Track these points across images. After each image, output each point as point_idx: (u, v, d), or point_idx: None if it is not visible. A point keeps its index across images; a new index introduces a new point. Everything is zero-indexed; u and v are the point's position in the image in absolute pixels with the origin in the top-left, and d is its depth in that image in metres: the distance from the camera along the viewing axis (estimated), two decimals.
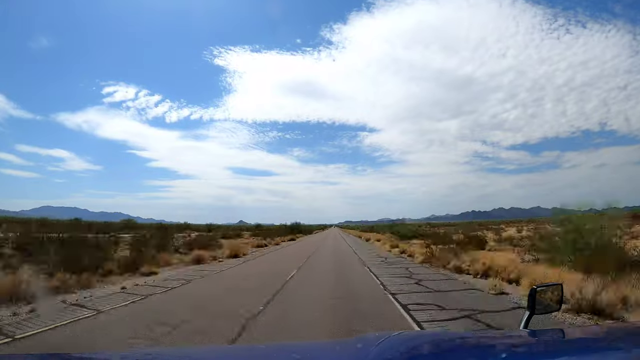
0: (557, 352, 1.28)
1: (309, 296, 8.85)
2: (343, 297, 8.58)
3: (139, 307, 7.60)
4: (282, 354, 1.51)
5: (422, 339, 1.61)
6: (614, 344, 1.32)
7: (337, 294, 9.00)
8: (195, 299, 8.62)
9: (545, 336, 1.55)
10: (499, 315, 6.67)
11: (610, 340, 1.40)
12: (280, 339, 5.35)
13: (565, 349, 1.34)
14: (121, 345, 5.09)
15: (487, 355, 1.24)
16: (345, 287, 10.09)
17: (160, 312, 7.09)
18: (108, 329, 5.94)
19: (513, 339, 1.52)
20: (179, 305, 7.84)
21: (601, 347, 1.29)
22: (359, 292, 9.39)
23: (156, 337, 5.40)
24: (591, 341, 1.42)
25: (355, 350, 1.34)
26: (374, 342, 1.27)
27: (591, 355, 1.20)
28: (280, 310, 7.19)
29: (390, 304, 7.82)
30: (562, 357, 1.22)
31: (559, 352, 1.28)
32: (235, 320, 6.30)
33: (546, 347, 1.35)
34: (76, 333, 5.70)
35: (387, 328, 5.79)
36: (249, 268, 15.48)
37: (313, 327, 6.03)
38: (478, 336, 2.07)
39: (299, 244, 36.67)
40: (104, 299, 8.36)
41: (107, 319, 6.66)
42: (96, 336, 5.57)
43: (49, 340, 5.33)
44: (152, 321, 6.29)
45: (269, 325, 6.09)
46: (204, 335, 5.53)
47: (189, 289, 9.96)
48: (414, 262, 16.72)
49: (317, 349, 1.63)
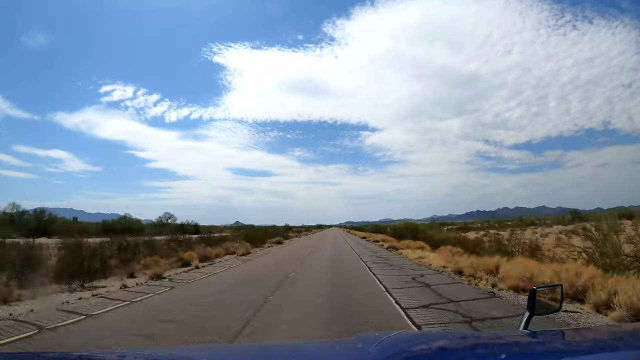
0: (556, 353, 1.28)
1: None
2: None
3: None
4: (281, 353, 1.51)
5: (421, 339, 1.61)
6: (614, 345, 1.31)
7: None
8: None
9: (545, 337, 1.55)
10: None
11: (611, 342, 1.39)
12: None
13: (565, 350, 1.33)
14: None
15: (487, 356, 1.24)
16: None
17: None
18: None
19: (513, 339, 1.52)
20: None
21: (601, 349, 1.28)
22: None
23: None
24: (591, 342, 1.42)
25: (355, 350, 1.34)
26: (374, 341, 1.27)
27: (591, 356, 1.20)
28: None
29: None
30: (562, 358, 1.22)
31: (558, 353, 1.28)
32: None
33: (546, 348, 1.34)
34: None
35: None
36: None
37: None
38: (478, 336, 2.07)
39: (273, 256, 21.48)
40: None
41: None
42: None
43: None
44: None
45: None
46: None
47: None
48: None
49: (317, 349, 1.63)
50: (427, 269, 13.82)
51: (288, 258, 20.03)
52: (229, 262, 17.80)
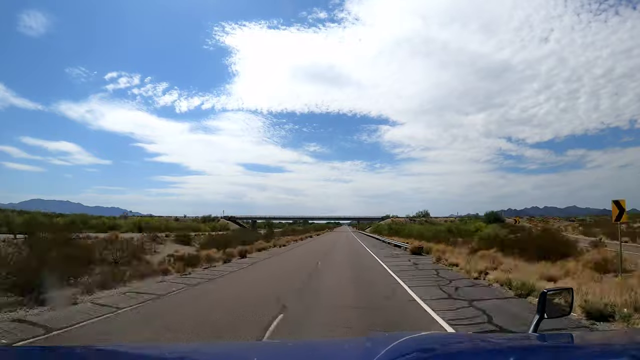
0: (565, 356, 1.28)
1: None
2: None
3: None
4: (290, 351, 1.53)
5: (431, 340, 1.61)
6: (626, 350, 1.30)
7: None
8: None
9: (554, 340, 1.55)
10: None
11: (622, 346, 1.38)
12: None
13: (574, 354, 1.33)
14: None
15: (497, 359, 1.25)
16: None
17: None
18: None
19: (523, 342, 1.52)
20: None
21: (611, 353, 1.27)
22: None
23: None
24: (601, 347, 1.41)
25: (364, 350, 1.36)
26: (384, 341, 1.28)
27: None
28: None
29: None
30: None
31: (567, 356, 1.28)
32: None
33: (555, 352, 1.34)
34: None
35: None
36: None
37: None
38: (488, 339, 2.07)
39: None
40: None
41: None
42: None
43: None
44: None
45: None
46: None
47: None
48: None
49: (326, 347, 1.65)
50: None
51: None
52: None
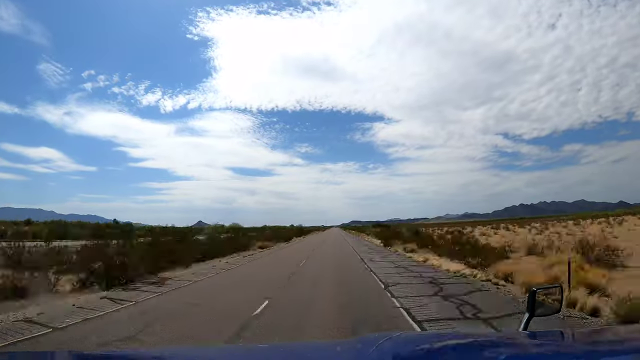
0: (556, 354, 1.29)
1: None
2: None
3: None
4: (281, 354, 1.51)
5: (421, 340, 1.62)
6: (614, 347, 1.32)
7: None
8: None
9: (544, 338, 1.56)
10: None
11: (611, 343, 1.40)
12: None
13: (564, 351, 1.34)
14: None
15: (487, 357, 1.25)
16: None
17: None
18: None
19: (512, 340, 1.53)
20: None
21: (601, 350, 1.29)
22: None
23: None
24: (591, 343, 1.42)
25: (355, 351, 1.35)
26: (374, 342, 1.28)
27: (591, 358, 1.20)
28: None
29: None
30: (561, 359, 1.23)
31: (557, 354, 1.28)
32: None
33: (545, 349, 1.35)
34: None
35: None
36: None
37: None
38: (478, 337, 2.08)
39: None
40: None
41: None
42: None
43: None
44: None
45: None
46: None
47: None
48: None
49: (317, 349, 1.63)
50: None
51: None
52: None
